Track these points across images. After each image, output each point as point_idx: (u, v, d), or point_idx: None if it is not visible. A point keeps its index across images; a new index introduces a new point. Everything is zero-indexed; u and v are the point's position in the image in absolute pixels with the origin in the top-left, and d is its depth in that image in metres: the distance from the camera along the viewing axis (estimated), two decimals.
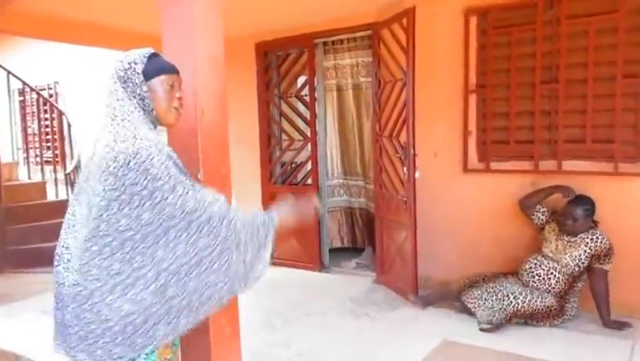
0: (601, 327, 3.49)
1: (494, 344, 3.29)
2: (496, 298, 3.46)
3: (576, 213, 3.46)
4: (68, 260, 1.56)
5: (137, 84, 1.62)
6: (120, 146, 1.49)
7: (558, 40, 3.72)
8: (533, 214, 3.76)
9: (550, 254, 3.57)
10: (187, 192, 1.53)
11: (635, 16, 3.48)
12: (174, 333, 1.56)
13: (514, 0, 3.85)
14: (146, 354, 1.56)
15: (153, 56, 1.67)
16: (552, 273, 3.50)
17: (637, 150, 3.58)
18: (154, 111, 1.65)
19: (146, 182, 1.47)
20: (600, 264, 3.45)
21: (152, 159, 1.49)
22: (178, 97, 1.69)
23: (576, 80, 3.71)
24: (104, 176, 1.48)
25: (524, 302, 3.44)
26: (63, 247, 1.60)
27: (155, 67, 1.65)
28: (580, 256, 3.44)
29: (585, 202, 3.50)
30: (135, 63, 1.63)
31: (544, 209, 3.72)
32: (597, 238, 3.45)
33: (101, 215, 1.48)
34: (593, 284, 3.51)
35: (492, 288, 3.56)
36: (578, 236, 3.49)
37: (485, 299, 3.50)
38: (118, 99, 1.60)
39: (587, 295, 3.57)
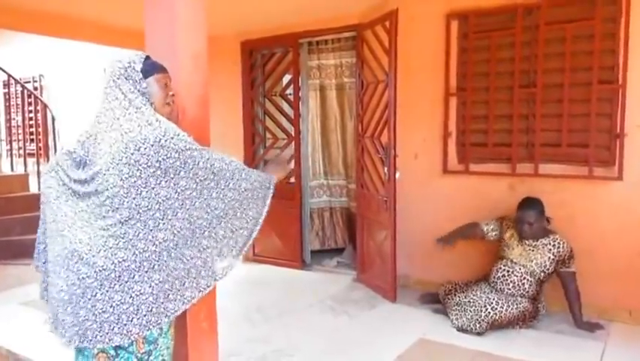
0: (573, 328, 3.57)
1: (469, 344, 3.36)
2: (475, 310, 3.49)
3: (529, 216, 3.54)
4: (89, 250, 1.63)
5: (137, 81, 1.78)
6: (147, 128, 1.66)
7: (536, 45, 3.80)
8: (484, 237, 3.87)
9: (516, 260, 3.62)
10: (212, 155, 1.78)
11: (610, 24, 3.57)
12: (211, 280, 1.82)
13: (494, 5, 3.93)
14: (124, 349, 1.69)
15: (147, 58, 1.86)
16: (525, 278, 3.56)
17: (611, 155, 3.67)
18: (153, 105, 1.81)
19: (177, 154, 1.67)
20: (566, 267, 3.54)
21: (178, 134, 1.70)
22: (171, 94, 1.89)
23: (553, 84, 3.79)
24: (134, 157, 1.62)
25: (501, 312, 3.47)
26: (76, 242, 1.65)
27: (151, 66, 1.83)
28: (545, 263, 3.53)
29: (534, 204, 3.59)
30: (134, 62, 1.80)
31: (492, 225, 3.83)
32: (558, 243, 3.53)
33: (140, 193, 1.63)
34: (564, 287, 3.59)
35: (470, 298, 3.60)
36: (539, 241, 3.57)
37: (465, 310, 3.56)
38: (123, 93, 1.75)
39: (558, 296, 3.66)
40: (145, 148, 1.63)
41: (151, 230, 1.65)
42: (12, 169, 6.87)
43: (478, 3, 3.98)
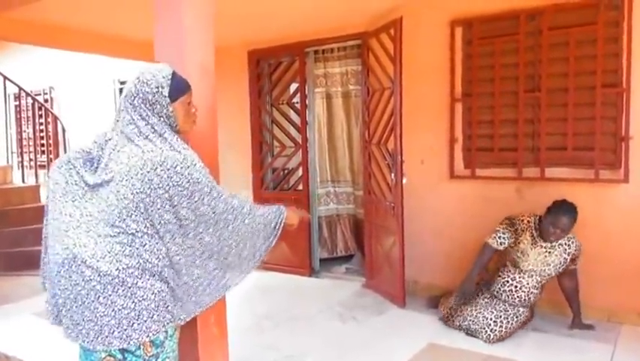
0: (580, 330, 3.57)
1: (478, 348, 3.38)
2: (479, 329, 3.52)
3: (565, 224, 3.34)
4: (93, 255, 1.66)
5: (164, 106, 1.80)
6: (169, 153, 1.72)
7: (540, 50, 3.83)
8: (498, 249, 3.53)
9: (528, 268, 3.49)
10: (220, 196, 1.81)
11: (613, 28, 3.60)
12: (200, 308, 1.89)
13: (497, 12, 3.96)
14: (132, 353, 1.71)
15: (173, 77, 1.85)
16: (532, 291, 3.52)
17: (617, 158, 3.68)
18: (177, 126, 1.86)
19: (188, 184, 1.71)
20: (574, 265, 3.55)
21: (195, 165, 1.75)
22: (194, 111, 1.94)
23: (557, 89, 3.81)
24: (149, 175, 1.67)
25: (506, 327, 3.49)
26: (80, 246, 1.67)
27: (177, 88, 1.84)
28: (560, 263, 3.49)
29: (571, 210, 3.37)
30: (162, 87, 1.80)
31: (503, 235, 3.49)
32: (573, 242, 3.49)
33: (147, 210, 1.69)
34: (567, 283, 3.58)
35: (473, 318, 3.57)
36: (557, 242, 3.49)
37: (470, 329, 3.58)
38: (147, 118, 1.78)
39: (561, 299, 3.67)
40: (161, 170, 1.68)
41: (156, 244, 1.72)
42: (23, 181, 6.95)
43: (482, 9, 4.02)
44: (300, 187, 5.36)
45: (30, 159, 7.41)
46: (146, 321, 1.68)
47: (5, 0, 3.72)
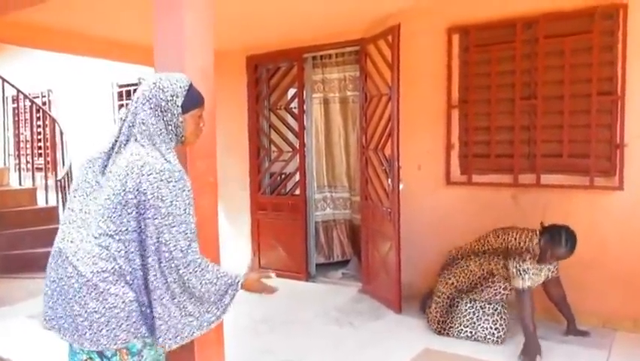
0: (575, 337, 3.59)
1: (475, 353, 3.39)
2: (486, 334, 3.55)
3: (568, 256, 3.29)
4: (75, 253, 1.68)
5: (174, 115, 1.80)
6: (150, 159, 1.68)
7: (536, 58, 3.87)
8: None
9: (526, 286, 3.31)
10: (172, 226, 1.67)
11: (608, 37, 3.63)
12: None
13: (494, 19, 4.00)
14: (108, 359, 1.71)
15: (189, 88, 1.84)
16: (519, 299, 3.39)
17: (612, 165, 3.71)
18: (184, 137, 1.86)
19: (152, 196, 1.65)
20: (557, 273, 3.55)
21: (170, 181, 1.68)
22: (202, 125, 1.92)
23: (553, 96, 3.85)
24: (126, 178, 1.66)
25: (507, 325, 3.56)
26: (67, 240, 1.71)
27: (191, 101, 1.84)
28: (547, 277, 3.50)
29: (575, 243, 3.26)
30: (177, 97, 1.79)
31: (530, 272, 3.29)
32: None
33: (121, 214, 1.67)
34: (553, 291, 3.59)
35: (474, 326, 3.58)
36: None
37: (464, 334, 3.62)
38: (151, 123, 1.76)
39: (554, 306, 3.68)
40: (136, 174, 1.66)
41: (131, 252, 1.68)
42: (20, 183, 6.95)
43: (479, 17, 4.06)
44: (297, 192, 5.38)
45: (27, 162, 7.40)
46: (114, 329, 1.66)
47: (4, 3, 3.73)
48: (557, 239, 3.26)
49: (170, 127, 1.80)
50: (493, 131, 4.11)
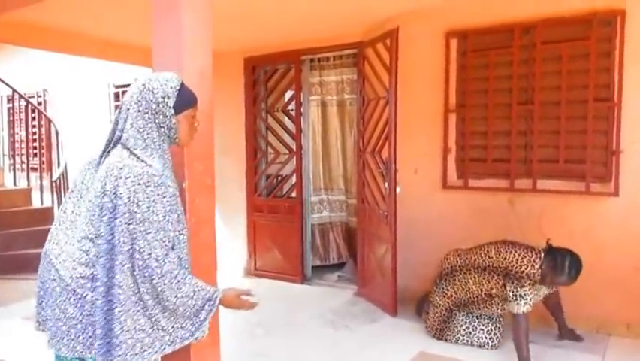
0: (570, 342, 3.60)
1: (468, 357, 3.40)
2: (483, 341, 3.55)
3: (570, 284, 3.20)
4: (58, 255, 1.66)
5: (167, 116, 1.74)
6: (131, 162, 1.63)
7: (533, 63, 3.88)
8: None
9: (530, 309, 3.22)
10: (148, 233, 1.60)
11: (606, 44, 3.65)
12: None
13: (492, 24, 4.01)
14: None
15: (181, 88, 1.79)
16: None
17: (607, 171, 3.73)
18: (177, 139, 1.80)
19: (127, 200, 1.58)
20: (557, 288, 3.52)
21: (148, 186, 1.60)
22: (196, 125, 1.87)
23: (550, 102, 3.86)
24: (104, 181, 1.61)
25: (502, 329, 3.56)
26: (53, 243, 1.69)
27: (183, 101, 1.78)
28: (548, 292, 3.47)
29: (578, 270, 3.16)
30: (168, 97, 1.73)
31: (532, 292, 3.20)
32: None
33: (95, 218, 1.62)
34: (553, 299, 3.56)
35: (470, 335, 3.58)
36: None
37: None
38: (141, 127, 1.70)
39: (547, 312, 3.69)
40: (114, 177, 1.60)
41: (105, 259, 1.60)
42: (15, 184, 6.91)
43: (477, 22, 4.07)
44: (294, 194, 5.38)
45: (22, 162, 7.37)
46: (90, 337, 1.61)
47: (0, 3, 3.72)
48: (560, 266, 3.11)
49: (162, 129, 1.74)
50: (490, 136, 4.12)
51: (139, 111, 1.71)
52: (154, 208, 1.60)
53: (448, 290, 3.61)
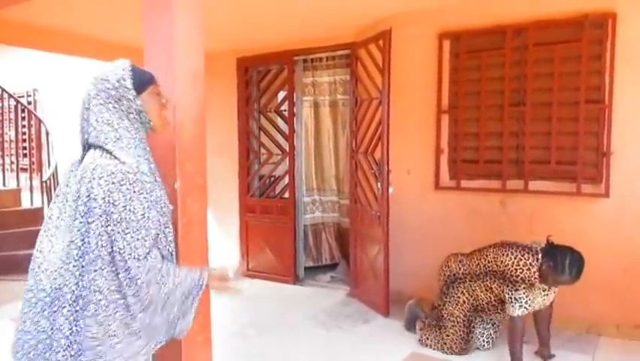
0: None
1: (462, 358, 3.41)
2: (479, 343, 3.54)
3: (572, 283, 3.06)
4: (41, 264, 1.57)
5: (131, 100, 1.62)
6: (104, 160, 1.54)
7: (525, 65, 3.90)
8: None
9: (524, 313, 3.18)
10: (144, 240, 1.54)
11: (597, 46, 3.67)
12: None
13: (484, 26, 4.03)
14: None
15: (133, 69, 1.67)
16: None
17: (598, 172, 3.75)
18: (151, 122, 1.69)
19: (102, 201, 1.50)
20: (554, 297, 3.39)
21: (123, 184, 1.51)
22: (165, 101, 1.75)
23: (542, 103, 3.88)
24: (80, 182, 1.53)
25: (497, 329, 3.59)
26: (38, 250, 1.60)
27: (141, 79, 1.66)
28: (545, 301, 3.30)
29: (580, 268, 3.03)
30: (124, 79, 1.62)
31: (527, 296, 3.13)
32: None
33: (66, 219, 1.55)
34: (544, 312, 3.36)
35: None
36: None
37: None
38: (108, 121, 1.60)
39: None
40: (87, 178, 1.53)
41: (74, 266, 1.52)
42: (4, 184, 6.84)
43: (470, 24, 4.09)
44: (287, 195, 5.37)
45: (12, 162, 7.30)
46: (57, 353, 1.51)
47: None
48: (560, 266, 2.99)
49: (131, 115, 1.63)
50: (482, 137, 4.13)
51: (101, 104, 1.61)
52: (131, 207, 1.52)
53: (459, 298, 3.44)
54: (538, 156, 3.94)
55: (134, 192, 1.54)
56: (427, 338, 3.60)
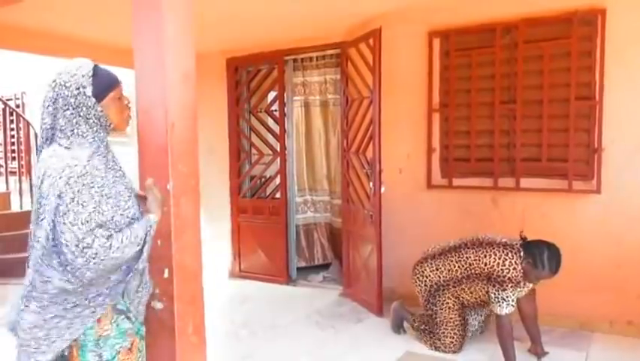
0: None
1: (455, 356, 3.41)
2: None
3: (552, 277, 3.11)
4: (28, 259, 1.60)
5: (90, 107, 1.61)
6: (58, 159, 1.56)
7: (515, 63, 3.91)
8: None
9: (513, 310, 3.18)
10: (88, 223, 1.51)
11: (587, 42, 3.69)
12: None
13: (474, 24, 4.04)
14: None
15: (94, 73, 1.65)
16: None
17: (589, 169, 3.77)
18: (111, 125, 1.69)
19: (53, 197, 1.49)
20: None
21: (70, 177, 1.51)
22: (127, 103, 1.74)
23: (532, 100, 3.90)
24: (40, 183, 1.55)
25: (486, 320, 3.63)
26: (30, 248, 1.63)
27: (103, 85, 1.65)
28: (527, 290, 3.35)
29: (558, 262, 3.09)
30: (84, 87, 1.60)
31: (514, 294, 3.13)
32: None
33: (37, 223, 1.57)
34: (529, 307, 3.35)
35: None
36: None
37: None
38: (65, 125, 1.60)
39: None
40: (44, 177, 1.54)
41: (33, 263, 1.56)
42: None
43: (459, 22, 4.09)
44: (278, 195, 5.35)
45: (0, 166, 7.23)
46: (33, 353, 1.56)
47: None
48: (540, 262, 3.04)
49: (90, 120, 1.62)
50: (474, 135, 4.14)
51: (58, 109, 1.60)
52: (79, 199, 1.50)
53: (448, 303, 3.43)
54: (529, 153, 3.95)
55: (83, 184, 1.52)
56: (421, 341, 3.61)
